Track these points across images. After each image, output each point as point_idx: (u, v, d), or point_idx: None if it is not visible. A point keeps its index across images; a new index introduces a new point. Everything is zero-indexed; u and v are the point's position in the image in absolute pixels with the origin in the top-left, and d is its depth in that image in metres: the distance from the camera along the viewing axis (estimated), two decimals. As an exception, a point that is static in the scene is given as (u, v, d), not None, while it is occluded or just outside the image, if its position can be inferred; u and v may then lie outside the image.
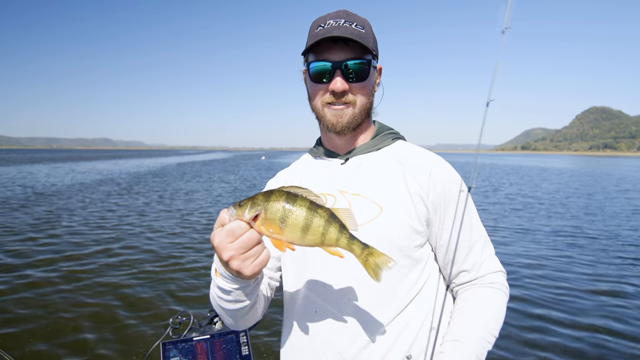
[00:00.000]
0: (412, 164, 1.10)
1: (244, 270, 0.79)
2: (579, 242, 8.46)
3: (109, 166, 40.07)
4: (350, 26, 1.02)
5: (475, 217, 1.12)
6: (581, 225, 10.37)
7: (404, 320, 1.04)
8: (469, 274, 1.09)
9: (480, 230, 1.12)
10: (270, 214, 0.77)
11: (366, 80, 1.06)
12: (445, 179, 1.09)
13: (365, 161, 1.13)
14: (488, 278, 1.09)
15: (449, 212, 1.07)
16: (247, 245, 0.77)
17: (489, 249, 1.12)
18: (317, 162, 1.22)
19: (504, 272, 1.13)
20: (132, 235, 8.60)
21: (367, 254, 0.81)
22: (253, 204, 0.78)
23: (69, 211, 11.45)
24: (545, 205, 13.93)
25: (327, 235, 0.79)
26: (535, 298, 5.23)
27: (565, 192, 19.00)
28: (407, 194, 1.06)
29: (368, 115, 1.15)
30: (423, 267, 1.08)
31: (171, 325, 1.96)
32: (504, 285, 1.10)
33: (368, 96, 1.10)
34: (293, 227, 0.77)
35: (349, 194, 1.09)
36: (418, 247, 1.06)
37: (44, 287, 5.57)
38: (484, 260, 1.10)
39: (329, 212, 0.79)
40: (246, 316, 1.02)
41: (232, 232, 0.76)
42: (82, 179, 23.45)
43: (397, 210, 1.04)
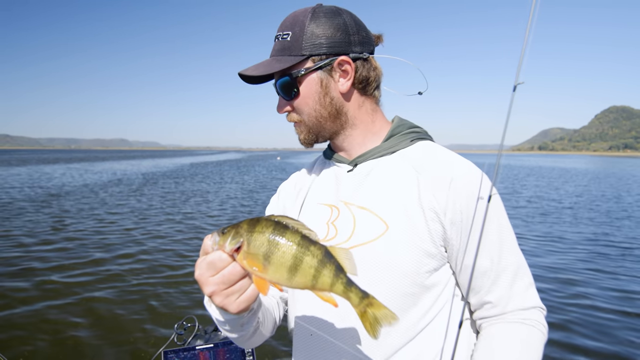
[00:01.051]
0: (429, 172, 0.93)
1: (228, 308, 0.70)
2: (608, 251, 7.88)
3: (124, 166, 40.61)
4: (277, 41, 0.95)
5: (508, 239, 0.92)
6: (612, 232, 9.77)
7: (413, 353, 0.90)
8: (494, 308, 0.91)
9: (512, 255, 0.91)
10: (253, 248, 0.66)
11: (300, 95, 0.95)
12: (470, 192, 0.90)
13: (376, 167, 0.99)
14: (520, 314, 0.90)
15: (471, 233, 0.89)
16: (229, 280, 0.68)
17: (523, 279, 0.92)
18: (326, 167, 1.11)
19: (542, 309, 0.93)
20: (138, 238, 8.47)
21: (366, 305, 0.68)
22: (236, 234, 0.67)
23: (78, 213, 11.39)
24: (572, 210, 13.27)
25: (319, 278, 0.67)
26: (559, 319, 4.72)
27: (590, 194, 18.24)
28: (419, 208, 0.90)
29: (337, 120, 0.99)
30: (438, 294, 0.92)
31: (175, 331, 1.94)
32: (542, 323, 0.90)
33: (315, 107, 0.96)
34: (279, 266, 0.65)
35: (354, 207, 0.96)
36: (430, 272, 0.90)
37: (44, 289, 5.46)
38: (515, 292, 0.90)
39: (324, 250, 0.67)
40: (251, 340, 0.95)
41: (213, 265, 0.67)
42: (96, 179, 23.65)
43: (405, 229, 0.89)
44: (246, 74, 0.95)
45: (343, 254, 0.68)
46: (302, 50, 0.93)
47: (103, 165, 42.13)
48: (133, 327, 4.48)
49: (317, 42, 0.94)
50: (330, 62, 0.94)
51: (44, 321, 4.56)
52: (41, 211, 11.46)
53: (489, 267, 0.90)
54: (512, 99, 0.83)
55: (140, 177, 26.15)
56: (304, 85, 0.95)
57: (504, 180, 25.65)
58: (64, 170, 31.82)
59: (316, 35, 0.94)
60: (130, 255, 7.18)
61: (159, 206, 12.95)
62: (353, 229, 0.95)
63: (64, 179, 23.54)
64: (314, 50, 0.94)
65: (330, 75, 0.96)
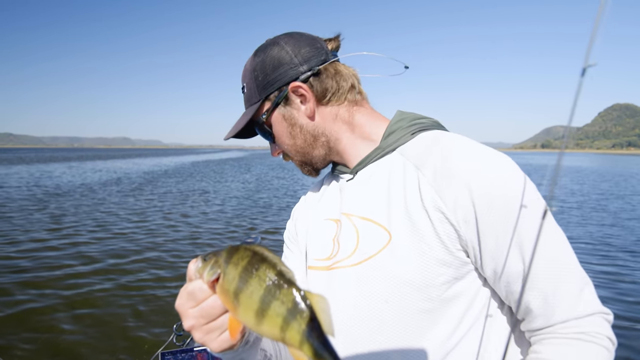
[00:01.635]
0: (430, 166, 0.79)
1: (209, 345, 0.62)
2: (621, 255, 7.50)
3: (125, 165, 40.46)
4: (243, 95, 0.98)
5: (546, 233, 0.73)
6: (623, 234, 9.37)
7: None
8: (537, 319, 0.74)
9: (553, 252, 0.73)
10: (226, 282, 0.56)
11: (272, 136, 0.96)
12: (481, 180, 0.74)
13: (376, 171, 0.89)
14: (574, 325, 0.71)
15: (491, 231, 0.73)
16: (209, 314, 0.59)
17: (572, 280, 0.73)
18: (330, 179, 1.05)
19: (605, 314, 0.73)
20: (136, 238, 8.33)
21: None
22: (214, 264, 0.58)
23: (77, 211, 11.17)
24: (580, 210, 12.90)
25: (287, 331, 0.51)
26: None
27: (597, 193, 17.82)
28: (423, 210, 0.77)
29: (319, 141, 0.94)
30: (465, 307, 0.77)
31: (174, 332, 1.91)
32: (604, 335, 0.71)
33: (289, 140, 0.94)
34: (246, 307, 0.54)
35: (356, 218, 0.87)
36: (449, 282, 0.76)
37: (40, 289, 5.39)
38: (561, 298, 0.72)
39: (298, 296, 0.50)
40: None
41: (192, 295, 0.59)
42: (96, 178, 23.41)
43: (409, 236, 0.78)
44: (228, 137, 0.98)
45: (321, 304, 0.50)
46: (258, 96, 0.93)
47: (104, 164, 41.98)
48: (131, 329, 4.41)
49: (265, 82, 0.92)
50: (284, 94, 0.91)
51: (38, 322, 4.49)
52: (38, 210, 11.19)
53: (522, 270, 0.74)
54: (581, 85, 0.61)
55: (141, 176, 25.93)
56: (274, 126, 0.95)
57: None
58: (64, 169, 31.69)
59: (261, 75, 0.92)
60: (128, 256, 7.04)
61: (159, 205, 12.71)
62: (357, 243, 0.86)
63: (63, 177, 23.34)
64: (265, 90, 0.92)
65: (291, 106, 0.93)
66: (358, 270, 0.84)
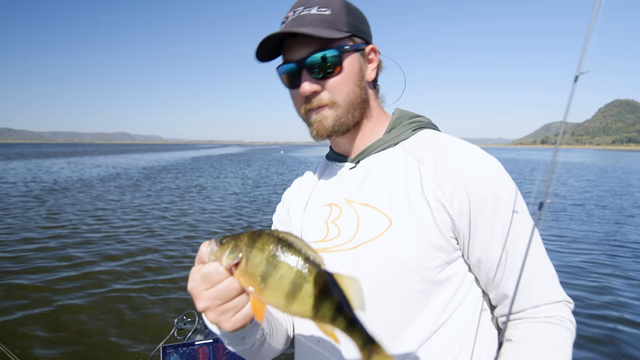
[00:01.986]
0: (431, 161, 0.89)
1: (222, 325, 0.64)
2: (623, 253, 7.43)
3: (124, 160, 40.42)
4: (309, 12, 0.88)
5: (523, 227, 0.84)
6: (626, 231, 9.31)
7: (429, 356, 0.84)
8: (515, 303, 0.84)
9: (529, 245, 0.81)
10: (250, 266, 0.59)
11: (341, 72, 0.89)
12: (477, 177, 0.84)
13: (378, 162, 0.96)
14: (544, 310, 0.83)
15: (481, 222, 0.84)
16: (224, 296, 0.62)
17: (543, 270, 0.85)
18: (328, 168, 1.09)
19: (568, 302, 0.86)
20: (138, 233, 8.30)
21: (370, 350, 0.59)
22: (234, 247, 0.60)
23: (80, 205, 11.10)
24: (583, 207, 12.82)
25: (319, 310, 0.58)
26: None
27: (600, 189, 17.75)
28: (424, 200, 0.86)
29: (364, 109, 0.95)
30: (454, 289, 0.87)
31: (176, 326, 1.90)
32: (569, 319, 0.84)
33: (352, 89, 0.91)
34: (275, 290, 0.58)
35: (356, 204, 0.93)
36: (441, 266, 0.85)
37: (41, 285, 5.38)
38: (536, 285, 0.84)
39: (328, 277, 0.57)
40: (259, 354, 0.87)
41: (208, 278, 0.62)
42: (95, 173, 23.30)
43: (410, 223, 0.85)
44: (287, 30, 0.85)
45: (351, 284, 0.58)
46: (345, 27, 0.90)
47: (103, 159, 41.89)
48: (132, 323, 4.42)
49: (355, 23, 0.92)
50: (364, 46, 0.93)
51: (43, 313, 4.54)
52: (33, 207, 11.11)
53: (504, 259, 0.84)
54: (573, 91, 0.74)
55: (140, 171, 25.87)
56: (347, 62, 0.90)
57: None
58: (63, 164, 31.55)
59: (353, 16, 0.93)
60: (130, 250, 7.05)
61: (158, 201, 12.64)
62: (357, 227, 0.91)
63: (62, 173, 23.24)
64: (355, 30, 0.92)
65: (364, 60, 0.94)
66: (357, 253, 0.89)
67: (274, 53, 0.93)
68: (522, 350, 0.81)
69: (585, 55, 0.72)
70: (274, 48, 0.91)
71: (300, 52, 0.88)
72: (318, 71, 0.88)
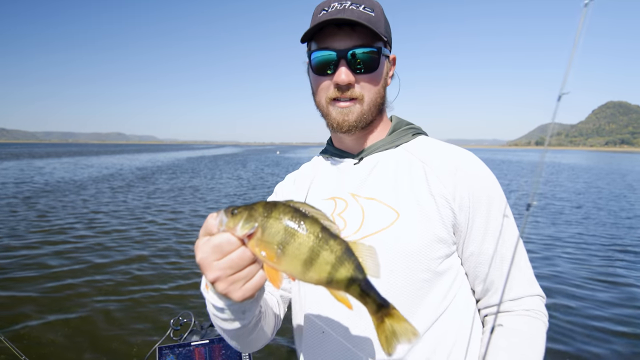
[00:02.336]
0: (435, 162, 0.98)
1: (232, 295, 0.65)
2: (622, 257, 7.42)
3: (118, 160, 40.07)
4: (357, 9, 0.91)
5: (509, 227, 0.96)
6: (622, 234, 9.30)
7: (431, 345, 0.89)
8: (496, 294, 0.94)
9: (514, 243, 0.95)
10: (267, 235, 0.61)
11: (376, 71, 0.95)
12: (475, 179, 0.95)
13: (381, 160, 1.02)
14: (522, 303, 0.93)
15: (477, 219, 0.93)
16: (237, 265, 0.63)
17: (525, 266, 0.97)
18: (327, 163, 1.11)
19: (542, 297, 0.97)
20: (131, 235, 8.27)
21: (384, 314, 0.64)
22: (249, 217, 0.61)
23: (69, 205, 10.94)
24: (582, 210, 12.81)
25: (335, 276, 0.61)
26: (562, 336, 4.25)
27: (597, 192, 17.79)
28: (430, 196, 0.93)
29: (380, 111, 1.03)
30: (451, 280, 0.94)
31: (172, 326, 1.89)
32: (543, 312, 0.94)
33: (379, 89, 0.98)
34: (293, 258, 0.60)
35: (361, 198, 0.98)
36: (442, 257, 0.92)
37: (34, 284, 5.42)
38: (517, 280, 0.94)
39: (344, 246, 0.62)
40: (250, 336, 0.88)
41: (219, 248, 0.62)
42: (87, 174, 23.07)
43: (417, 216, 0.92)
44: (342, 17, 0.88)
45: (366, 252, 0.62)
46: (384, 32, 0.94)
47: (97, 160, 41.50)
48: (128, 323, 4.39)
49: (388, 31, 1.00)
50: (390, 54, 1.02)
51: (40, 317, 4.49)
52: (21, 209, 10.94)
53: (493, 253, 0.93)
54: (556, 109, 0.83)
55: (134, 172, 25.64)
56: (381, 64, 0.96)
57: (504, 176, 25.22)
58: (55, 165, 31.19)
59: (388, 25, 1.00)
60: (124, 251, 7.02)
61: (152, 202, 12.51)
62: (362, 219, 0.94)
63: (55, 173, 22.96)
64: (388, 37, 0.98)
65: (389, 65, 1.02)
66: None
67: (309, 37, 0.96)
68: (505, 336, 0.90)
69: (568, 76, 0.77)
70: (313, 33, 0.94)
71: (344, 43, 0.91)
72: (360, 65, 0.92)
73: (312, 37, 0.96)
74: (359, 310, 0.86)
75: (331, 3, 0.93)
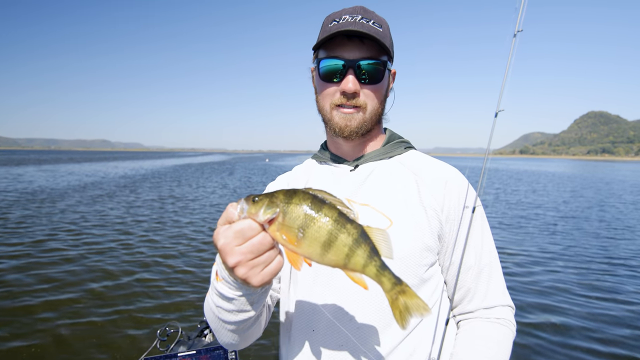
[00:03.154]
0: (426, 175, 1.06)
1: (251, 280, 0.69)
2: (614, 270, 7.28)
3: (100, 168, 39.13)
4: (367, 23, 0.97)
5: (487, 240, 1.05)
6: (609, 246, 9.20)
7: (410, 346, 0.96)
8: (471, 303, 1.02)
9: (491, 255, 1.05)
10: (288, 220, 0.65)
11: (380, 82, 1.01)
12: (461, 194, 1.04)
13: (376, 169, 1.08)
14: (494, 312, 1.01)
15: (461, 230, 1.02)
16: (258, 250, 0.67)
17: (499, 278, 1.05)
18: (322, 168, 1.15)
19: (512, 308, 1.05)
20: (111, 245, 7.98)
21: (398, 292, 0.69)
22: (270, 203, 0.66)
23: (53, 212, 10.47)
24: (567, 221, 12.77)
25: (352, 258, 0.66)
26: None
27: (583, 201, 17.87)
28: (421, 206, 1.00)
29: (379, 121, 1.09)
30: (434, 287, 1.01)
31: (158, 337, 1.86)
32: (512, 322, 1.02)
33: (380, 100, 1.04)
34: (312, 241, 0.65)
35: (356, 204, 1.02)
36: (428, 265, 0.99)
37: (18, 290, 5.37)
38: (491, 290, 1.02)
39: (360, 229, 0.67)
40: (249, 330, 0.91)
41: (241, 234, 0.66)
42: (66, 182, 22.34)
43: (408, 224, 0.98)
44: (353, 29, 0.94)
45: (380, 236, 0.67)
46: (390, 48, 1.02)
47: (79, 167, 40.49)
48: (113, 336, 4.30)
49: (393, 49, 1.06)
50: (391, 68, 1.07)
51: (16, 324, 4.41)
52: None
53: (473, 264, 1.01)
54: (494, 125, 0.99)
55: (116, 180, 24.99)
56: (385, 78, 1.02)
57: (489, 185, 25.35)
58: (34, 173, 30.22)
59: (392, 41, 1.06)
60: (108, 261, 6.86)
61: (143, 212, 12.07)
62: None
63: (34, 182, 22.15)
64: (392, 52, 1.05)
65: (390, 79, 1.08)
66: None
67: (320, 45, 1.01)
68: (474, 341, 0.97)
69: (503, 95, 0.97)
70: (324, 41, 0.98)
71: (352, 53, 0.97)
72: (366, 76, 0.98)
73: (321, 46, 1.01)
74: (348, 310, 0.95)
75: (342, 15, 0.99)
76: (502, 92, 0.95)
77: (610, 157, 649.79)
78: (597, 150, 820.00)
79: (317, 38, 1.04)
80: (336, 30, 0.94)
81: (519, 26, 0.98)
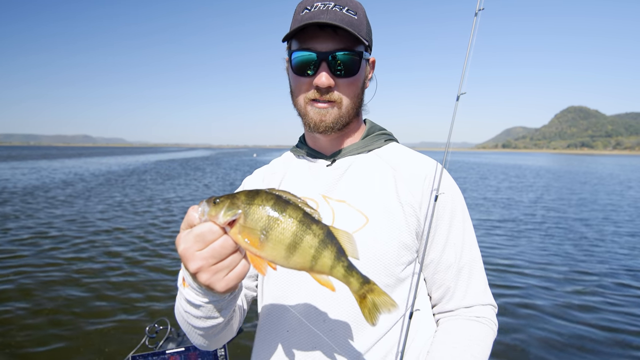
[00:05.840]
0: (405, 170, 1.02)
1: (215, 285, 0.66)
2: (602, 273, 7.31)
3: (84, 164, 38.20)
4: (340, 11, 0.91)
5: (469, 237, 1.02)
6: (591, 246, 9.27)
7: (386, 347, 0.93)
8: (452, 301, 1.00)
9: (472, 253, 1.02)
10: (250, 222, 0.62)
11: (356, 75, 0.96)
12: (442, 187, 0.99)
13: (354, 163, 1.04)
14: (475, 310, 0.99)
15: (440, 227, 0.99)
16: (219, 254, 0.63)
17: (481, 276, 1.02)
18: (299, 162, 1.12)
19: (494, 307, 1.02)
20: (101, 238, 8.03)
21: (366, 290, 0.67)
22: (231, 205, 0.62)
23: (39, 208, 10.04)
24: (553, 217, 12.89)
25: (319, 259, 0.64)
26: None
27: (571, 195, 18.08)
28: (398, 203, 0.97)
29: (357, 114, 1.05)
30: (409, 286, 0.98)
31: (147, 334, 1.84)
32: (493, 321, 0.99)
33: (357, 93, 1.00)
34: (276, 243, 0.62)
35: (332, 200, 1.00)
36: (405, 264, 0.96)
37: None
38: (472, 288, 0.99)
39: (326, 230, 0.64)
40: (219, 335, 0.88)
41: (201, 237, 0.63)
42: (41, 180, 21.59)
43: (385, 222, 0.95)
44: (325, 20, 0.88)
45: (345, 237, 0.65)
46: (365, 35, 0.95)
47: (56, 163, 39.46)
48: (101, 332, 4.23)
49: (370, 35, 1.00)
50: (371, 57, 1.02)
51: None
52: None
53: (453, 262, 0.98)
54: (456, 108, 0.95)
55: (96, 177, 24.37)
56: (361, 69, 0.96)
57: (469, 178, 25.54)
58: (7, 169, 29.18)
59: (369, 28, 1.00)
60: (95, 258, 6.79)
61: (128, 208, 11.75)
62: (332, 221, 0.96)
63: (10, 180, 21.32)
64: (369, 40, 0.99)
65: (368, 69, 1.03)
66: None
67: (291, 36, 0.95)
68: (454, 338, 0.94)
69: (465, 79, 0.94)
70: (295, 32, 0.92)
71: (325, 45, 0.91)
72: (340, 68, 0.92)
73: (293, 36, 0.95)
74: (322, 310, 0.93)
75: (314, 2, 0.92)
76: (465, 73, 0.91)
77: (589, 151, 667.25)
78: (577, 144, 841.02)
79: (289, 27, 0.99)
80: (307, 21, 0.88)
81: (480, 5, 0.96)
